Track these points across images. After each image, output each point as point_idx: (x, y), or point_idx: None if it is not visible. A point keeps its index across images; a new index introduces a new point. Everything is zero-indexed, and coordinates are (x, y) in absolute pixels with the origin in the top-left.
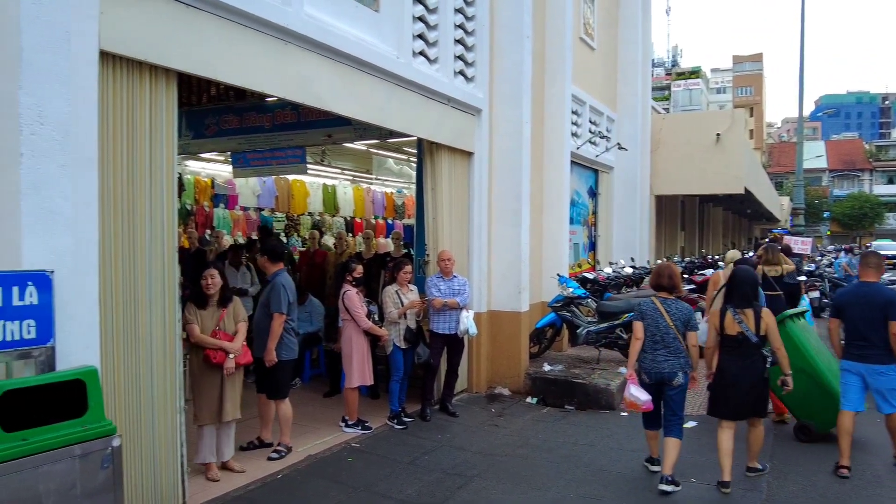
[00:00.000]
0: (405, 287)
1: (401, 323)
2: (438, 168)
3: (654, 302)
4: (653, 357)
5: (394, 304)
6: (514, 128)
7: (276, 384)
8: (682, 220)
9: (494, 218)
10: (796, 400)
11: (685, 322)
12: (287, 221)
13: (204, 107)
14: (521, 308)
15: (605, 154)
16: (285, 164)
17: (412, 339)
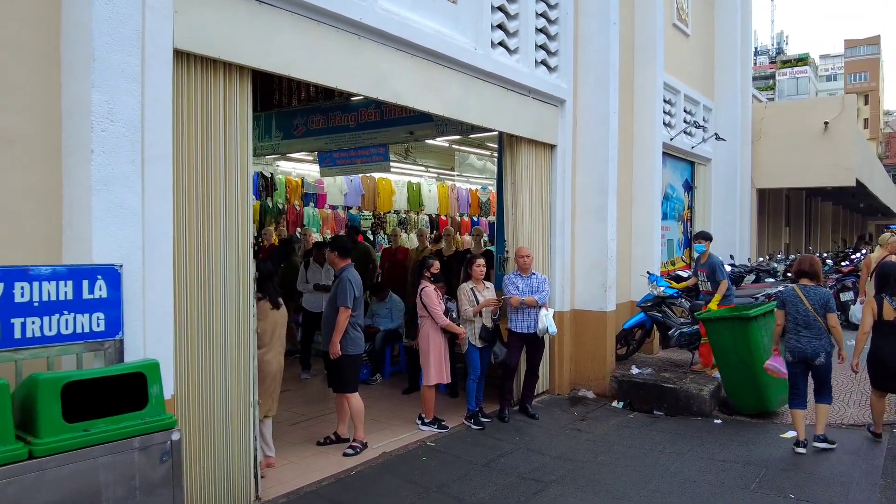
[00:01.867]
0: (480, 284)
1: (476, 321)
2: (518, 162)
3: (794, 289)
4: (797, 339)
5: (468, 302)
6: (600, 118)
7: (342, 378)
8: (787, 216)
9: (578, 213)
10: (735, 383)
11: (824, 305)
12: (374, 219)
13: (293, 108)
14: (606, 307)
15: (701, 145)
16: (369, 161)
17: (488, 337)
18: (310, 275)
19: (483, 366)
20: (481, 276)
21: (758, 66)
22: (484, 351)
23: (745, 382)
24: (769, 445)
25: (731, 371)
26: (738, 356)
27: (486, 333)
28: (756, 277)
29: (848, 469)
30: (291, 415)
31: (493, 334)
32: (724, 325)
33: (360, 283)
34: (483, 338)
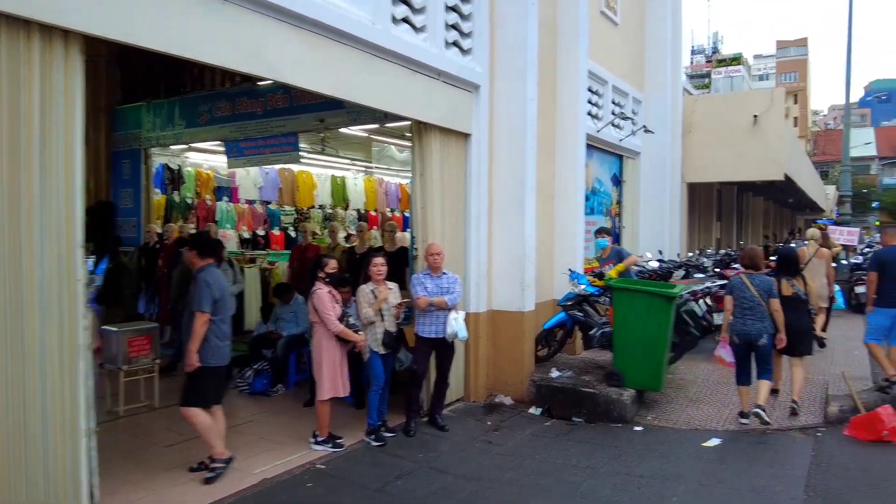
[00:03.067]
0: (381, 285)
1: (377, 325)
2: (428, 151)
3: (741, 277)
4: (742, 322)
5: (368, 305)
6: (517, 106)
7: (193, 390)
8: (719, 211)
9: (495, 207)
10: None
11: (767, 291)
12: (296, 215)
13: (197, 94)
14: (525, 307)
15: (630, 138)
16: (279, 152)
17: (391, 343)
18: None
19: (386, 374)
20: (380, 277)
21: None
22: (387, 358)
23: (644, 358)
24: (690, 456)
25: (630, 345)
26: (645, 332)
27: (389, 339)
28: (685, 273)
29: (770, 483)
30: (170, 435)
31: (397, 340)
32: (641, 298)
33: (221, 285)
34: (386, 344)
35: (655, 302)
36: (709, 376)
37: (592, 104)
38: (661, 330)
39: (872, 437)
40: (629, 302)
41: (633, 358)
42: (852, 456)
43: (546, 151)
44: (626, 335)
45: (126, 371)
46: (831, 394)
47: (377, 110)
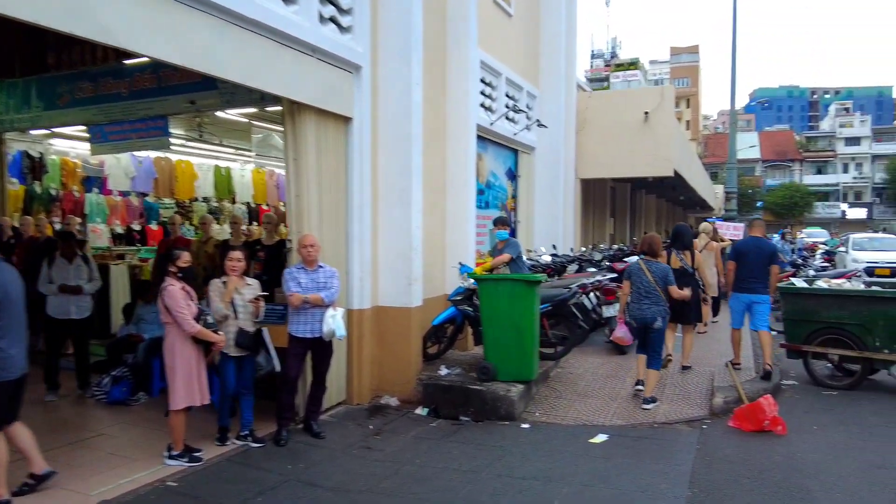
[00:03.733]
0: (239, 281)
1: (230, 324)
2: (303, 134)
3: (639, 264)
4: (638, 306)
5: (219, 296)
6: (402, 90)
7: None
8: (613, 207)
9: (380, 197)
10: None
11: (663, 278)
12: (177, 208)
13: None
14: (411, 303)
15: (525, 133)
16: (146, 137)
17: (248, 343)
18: (55, 273)
19: (245, 380)
20: (235, 272)
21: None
22: (245, 362)
23: (513, 348)
24: (576, 454)
25: (499, 336)
26: (511, 321)
27: (243, 339)
28: (578, 267)
29: (655, 480)
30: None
31: (254, 340)
32: (504, 287)
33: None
34: (240, 344)
35: (518, 289)
36: (598, 370)
37: (486, 96)
38: (525, 317)
39: (755, 427)
40: (494, 292)
41: (503, 349)
42: (736, 448)
43: (436, 141)
44: (494, 326)
45: None
46: (717, 385)
47: (241, 86)
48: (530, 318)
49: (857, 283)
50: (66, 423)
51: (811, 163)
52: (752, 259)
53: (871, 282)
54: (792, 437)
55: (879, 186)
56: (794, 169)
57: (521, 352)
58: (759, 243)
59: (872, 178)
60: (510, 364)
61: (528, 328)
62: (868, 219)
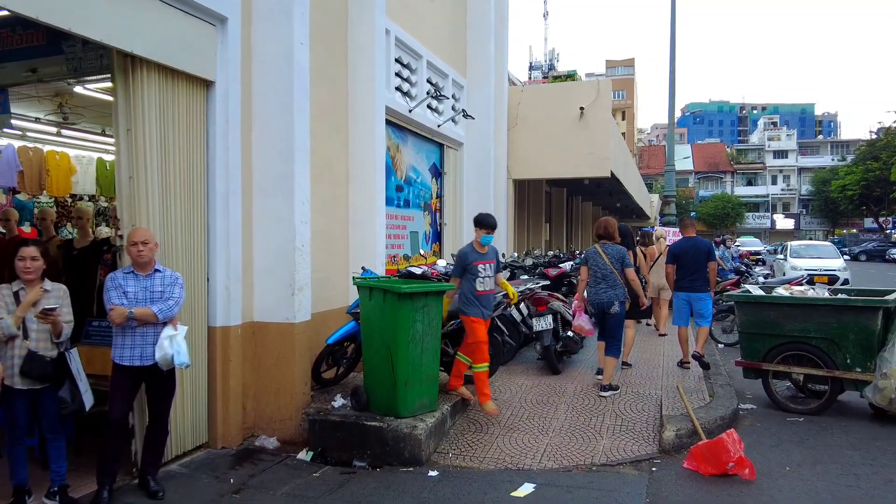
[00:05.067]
0: (33, 284)
1: (17, 345)
2: (139, 96)
3: (595, 247)
4: (595, 291)
5: (6, 311)
6: (281, 51)
7: None
8: (548, 212)
9: (255, 185)
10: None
11: (620, 260)
12: (56, 207)
13: None
14: (295, 317)
15: (450, 126)
16: None
17: (41, 372)
18: None
19: (49, 420)
20: (30, 274)
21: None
22: (42, 395)
23: (383, 374)
24: None
25: (372, 353)
26: (382, 336)
27: (34, 367)
28: (510, 274)
29: None
30: None
31: (52, 368)
32: (376, 296)
33: None
34: (29, 373)
35: (388, 301)
36: (527, 394)
37: (403, 79)
38: (399, 334)
39: (716, 470)
40: (367, 302)
41: (374, 373)
42: (694, 500)
43: (335, 124)
44: (367, 344)
45: None
46: (667, 414)
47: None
48: (403, 336)
49: (821, 290)
50: None
51: (742, 174)
52: (690, 259)
53: (837, 289)
54: (762, 483)
55: (805, 198)
56: (726, 181)
57: (392, 380)
58: (695, 242)
59: (799, 190)
60: (381, 393)
61: (400, 351)
62: (796, 229)
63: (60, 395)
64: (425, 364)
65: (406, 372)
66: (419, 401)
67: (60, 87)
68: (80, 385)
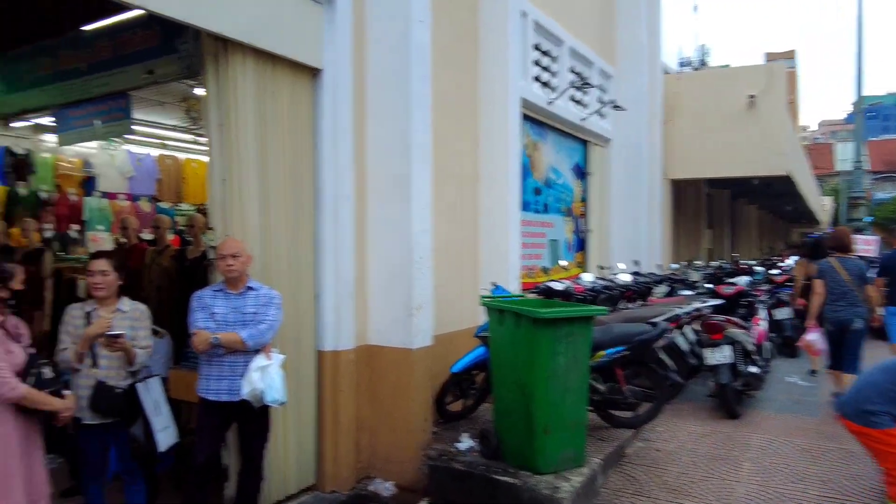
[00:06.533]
0: (106, 304)
1: (83, 374)
2: (233, 87)
3: (829, 262)
4: (832, 308)
5: (71, 338)
6: (397, 31)
7: None
8: (710, 217)
9: (368, 187)
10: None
11: (860, 276)
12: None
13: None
14: (413, 342)
15: (596, 119)
16: (110, 121)
17: (109, 405)
18: None
19: (125, 458)
20: (98, 290)
21: None
22: (114, 431)
23: (516, 414)
24: None
25: (503, 391)
26: (514, 371)
27: (103, 399)
28: (669, 290)
29: None
30: None
31: (123, 401)
32: (508, 321)
33: None
34: (97, 406)
35: (523, 327)
36: (698, 444)
37: (542, 68)
38: (535, 373)
39: None
40: (497, 327)
41: (507, 416)
42: None
43: (462, 117)
44: (498, 381)
45: None
46: None
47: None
48: (541, 372)
49: None
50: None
51: None
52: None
53: None
54: None
55: None
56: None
57: (529, 425)
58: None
59: None
60: (515, 440)
61: (538, 390)
62: None
63: (132, 432)
64: (569, 407)
65: (545, 416)
66: (562, 453)
67: (186, 92)
68: (154, 421)
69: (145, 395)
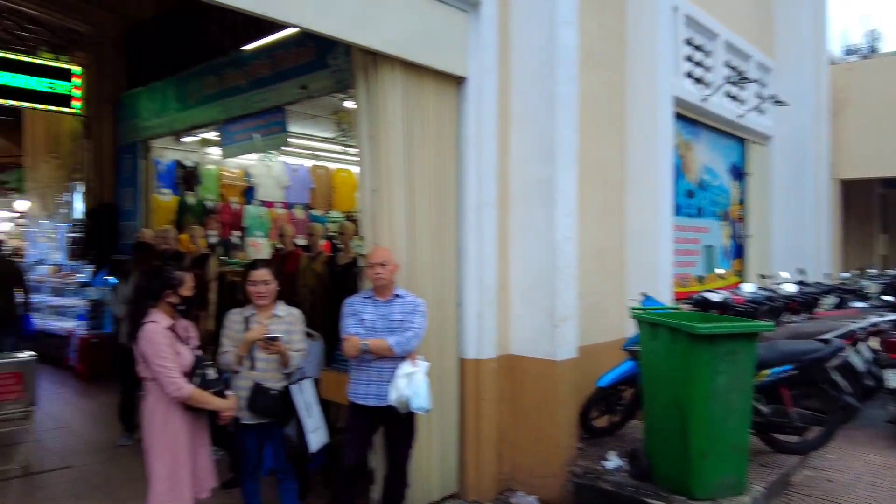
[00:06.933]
0: (264, 310)
1: (242, 376)
2: (383, 100)
3: None
4: None
5: (232, 341)
6: (542, 34)
7: None
8: (884, 221)
9: (511, 193)
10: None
11: None
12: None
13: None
14: (556, 353)
15: (754, 116)
16: (268, 134)
17: (263, 407)
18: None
19: (279, 458)
20: (263, 300)
21: None
22: (269, 431)
23: (670, 435)
24: None
25: (655, 409)
26: (669, 389)
27: (259, 400)
28: (839, 301)
29: None
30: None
31: (278, 403)
32: (662, 335)
33: None
34: (253, 407)
35: (679, 343)
36: (878, 478)
37: (695, 63)
38: (688, 389)
39: None
40: (649, 341)
41: (659, 435)
42: None
43: (609, 118)
44: (651, 397)
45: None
46: None
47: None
48: (699, 392)
49: None
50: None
51: None
52: None
53: None
54: None
55: None
56: None
57: (684, 448)
58: None
59: None
60: (667, 462)
61: (695, 411)
62: None
63: (286, 433)
64: (730, 430)
65: (703, 439)
66: (721, 478)
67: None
68: (306, 422)
69: (298, 397)
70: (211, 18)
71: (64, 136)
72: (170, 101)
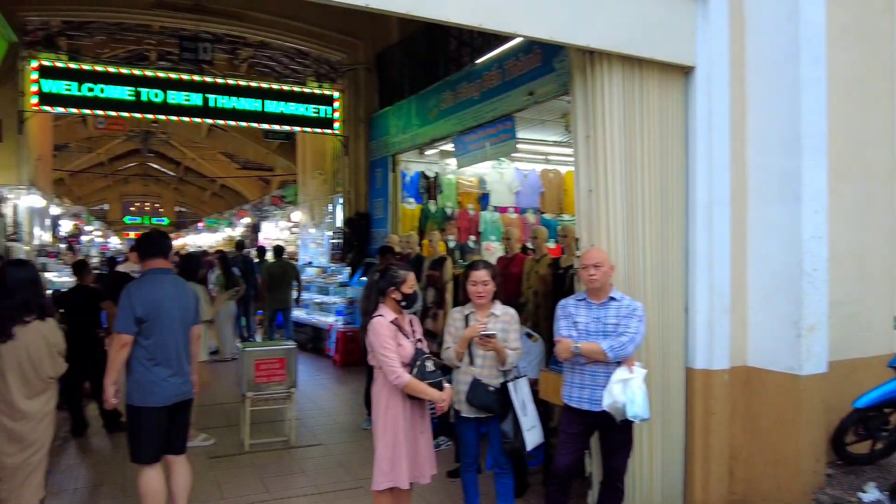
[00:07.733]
0: (483, 309)
1: (462, 371)
2: (599, 97)
3: None
4: None
5: (452, 338)
6: (782, 12)
7: (129, 439)
8: None
9: (748, 188)
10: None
11: None
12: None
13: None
14: (801, 367)
15: None
16: (498, 142)
17: (480, 402)
18: None
19: (496, 452)
20: (479, 298)
21: None
22: (487, 426)
23: None
24: None
25: None
26: None
27: (477, 395)
28: None
29: None
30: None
31: (495, 399)
32: None
33: (149, 299)
34: (471, 401)
35: None
36: None
37: None
38: None
39: None
40: None
41: None
42: None
43: (870, 100)
44: None
45: (251, 399)
46: None
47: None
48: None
49: None
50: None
51: None
52: None
53: None
54: None
55: None
56: None
57: None
58: None
59: None
60: None
61: None
62: None
63: (503, 428)
64: None
65: None
66: None
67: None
68: (522, 420)
69: (514, 395)
70: (451, 35)
71: (327, 155)
72: (412, 118)
